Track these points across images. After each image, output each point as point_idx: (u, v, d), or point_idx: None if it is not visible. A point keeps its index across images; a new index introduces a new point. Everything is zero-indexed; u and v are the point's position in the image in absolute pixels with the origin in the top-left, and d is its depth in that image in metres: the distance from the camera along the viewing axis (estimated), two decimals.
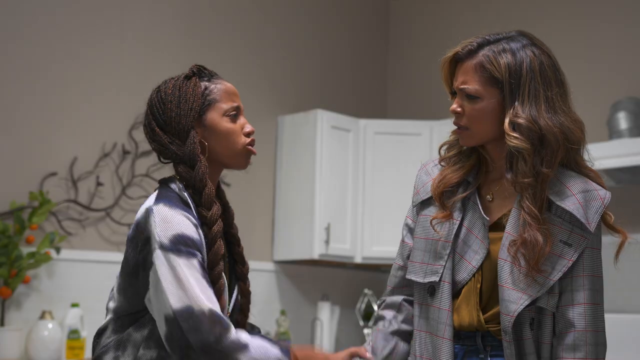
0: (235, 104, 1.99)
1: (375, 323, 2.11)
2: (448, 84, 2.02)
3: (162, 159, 1.99)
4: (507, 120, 1.88)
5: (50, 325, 3.88)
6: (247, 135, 2.00)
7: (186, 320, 1.75)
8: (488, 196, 2.00)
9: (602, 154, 3.85)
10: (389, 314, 2.09)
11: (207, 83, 1.99)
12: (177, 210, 1.85)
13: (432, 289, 1.98)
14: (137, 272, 1.86)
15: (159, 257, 1.80)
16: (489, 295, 1.94)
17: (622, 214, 1.97)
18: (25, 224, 3.89)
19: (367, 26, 5.80)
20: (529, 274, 1.84)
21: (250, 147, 2.01)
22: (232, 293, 2.02)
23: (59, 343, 3.89)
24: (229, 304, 1.97)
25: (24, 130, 4.09)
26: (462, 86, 1.94)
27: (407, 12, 5.83)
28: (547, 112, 1.88)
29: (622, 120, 4.32)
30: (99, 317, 4.17)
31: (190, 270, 1.79)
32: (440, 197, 2.00)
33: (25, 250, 3.88)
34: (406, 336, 2.07)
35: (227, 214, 2.05)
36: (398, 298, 2.09)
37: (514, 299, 1.85)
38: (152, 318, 1.86)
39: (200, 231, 1.87)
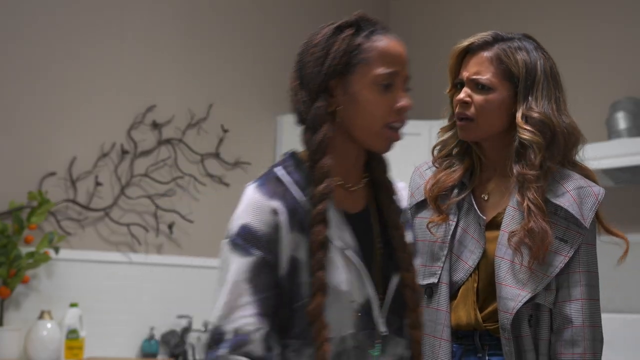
0: (390, 70, 1.62)
1: None
2: (453, 74, 2.02)
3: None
4: (519, 114, 1.91)
5: (49, 325, 3.87)
6: (398, 112, 1.65)
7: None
8: (483, 195, 2.00)
9: (601, 154, 3.84)
10: None
11: (363, 39, 1.65)
12: (260, 192, 1.59)
13: (430, 291, 1.98)
14: None
15: (221, 247, 1.60)
16: (486, 294, 1.94)
17: (621, 214, 1.98)
18: (24, 223, 3.89)
19: None
20: (530, 267, 1.84)
21: (392, 129, 1.66)
22: (386, 286, 1.67)
23: (58, 343, 3.88)
24: (382, 300, 1.65)
25: (24, 130, 4.08)
26: (475, 76, 1.94)
27: (407, 12, 5.83)
28: (556, 111, 1.92)
29: (621, 120, 4.31)
30: (98, 317, 4.19)
31: (236, 271, 1.54)
32: (435, 201, 2.00)
33: (24, 250, 3.87)
34: None
35: (382, 192, 1.78)
36: None
37: (512, 296, 1.85)
38: None
39: (282, 219, 1.57)
